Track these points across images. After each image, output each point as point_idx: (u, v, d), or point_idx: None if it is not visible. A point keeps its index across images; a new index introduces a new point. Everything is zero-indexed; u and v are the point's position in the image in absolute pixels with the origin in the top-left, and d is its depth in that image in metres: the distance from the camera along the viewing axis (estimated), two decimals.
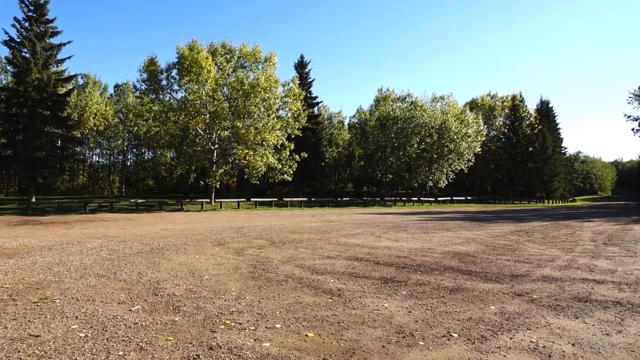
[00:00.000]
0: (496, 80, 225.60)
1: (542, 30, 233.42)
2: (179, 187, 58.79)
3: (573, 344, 3.95)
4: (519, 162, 62.47)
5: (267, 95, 33.41)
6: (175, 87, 35.53)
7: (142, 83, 35.22)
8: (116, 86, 61.16)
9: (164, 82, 35.39)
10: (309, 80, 49.97)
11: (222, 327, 4.34)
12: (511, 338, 4.09)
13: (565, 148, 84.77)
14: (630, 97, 48.97)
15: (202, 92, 32.16)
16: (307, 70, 50.16)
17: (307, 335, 4.10)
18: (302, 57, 50.27)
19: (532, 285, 6.36)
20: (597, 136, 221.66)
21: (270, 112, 34.26)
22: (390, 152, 50.60)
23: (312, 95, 50.31)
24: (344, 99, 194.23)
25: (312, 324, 4.46)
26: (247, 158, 33.94)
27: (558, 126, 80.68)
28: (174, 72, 34.57)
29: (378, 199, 48.30)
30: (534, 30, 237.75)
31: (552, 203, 63.72)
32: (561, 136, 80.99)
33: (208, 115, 33.56)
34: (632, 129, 49.20)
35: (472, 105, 67.09)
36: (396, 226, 16.93)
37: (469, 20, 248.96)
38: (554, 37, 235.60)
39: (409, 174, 51.91)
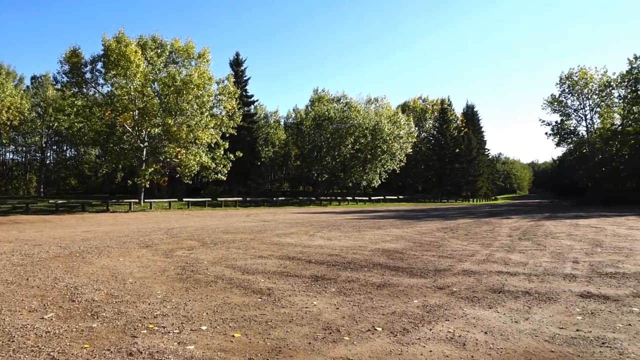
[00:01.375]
0: (428, 84, 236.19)
1: (468, 37, 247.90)
2: (105, 187, 55.68)
3: (485, 332, 4.23)
4: (447, 162, 65.79)
5: (201, 92, 32.55)
6: (101, 80, 33.62)
7: (64, 75, 32.89)
8: (33, 78, 56.72)
9: (88, 75, 33.35)
10: (244, 78, 49.34)
11: (145, 331, 4.17)
12: (431, 329, 4.31)
13: (488, 150, 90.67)
14: (544, 104, 53.31)
15: (130, 87, 30.68)
16: (242, 68, 49.49)
17: (233, 336, 4.06)
18: (237, 54, 49.57)
19: (453, 279, 6.74)
20: (516, 139, 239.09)
21: (204, 109, 33.38)
22: (326, 152, 51.28)
23: (248, 94, 49.73)
24: (281, 98, 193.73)
25: (239, 324, 4.42)
26: (179, 157, 32.88)
27: (482, 129, 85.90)
28: (100, 65, 32.67)
29: (314, 198, 48.76)
30: (461, 36, 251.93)
31: (477, 201, 67.77)
32: (485, 138, 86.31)
33: (137, 111, 32.08)
34: (546, 133, 53.60)
35: (405, 107, 69.76)
36: (330, 225, 17.18)
37: (404, 24, 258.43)
38: (479, 44, 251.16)
39: (344, 174, 52.90)
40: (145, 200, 33.55)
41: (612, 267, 7.71)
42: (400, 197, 59.60)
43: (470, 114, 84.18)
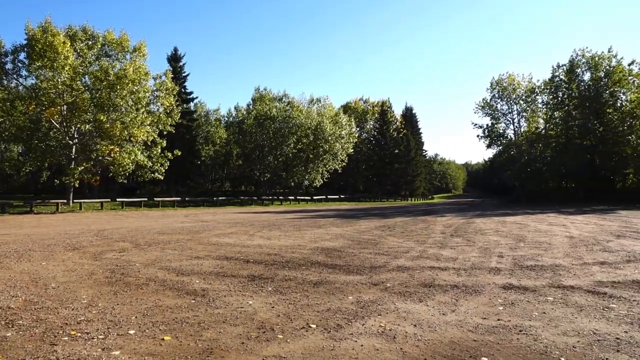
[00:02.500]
0: (369, 85, 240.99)
1: (409, 40, 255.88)
2: (29, 187, 51.85)
3: (415, 325, 4.40)
4: (387, 163, 67.61)
5: (136, 87, 31.10)
6: (24, 72, 31.17)
7: None
8: None
9: (9, 66, 30.85)
10: (183, 74, 47.88)
11: (66, 338, 3.93)
12: (363, 324, 4.41)
13: (426, 151, 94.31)
14: (476, 107, 56.27)
15: (57, 80, 28.74)
16: (181, 64, 48.01)
17: (163, 339, 3.92)
18: (175, 49, 48.05)
19: (388, 275, 6.93)
20: (452, 140, 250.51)
21: (140, 106, 31.93)
22: (268, 151, 50.94)
23: (187, 91, 48.34)
24: (222, 96, 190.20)
25: (170, 327, 4.28)
26: (113, 155, 31.28)
27: (420, 131, 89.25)
28: (23, 56, 30.34)
29: (255, 198, 48.29)
30: (403, 40, 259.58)
31: (415, 200, 70.19)
32: (422, 140, 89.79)
33: (65, 106, 30.12)
34: (478, 135, 56.71)
35: (347, 108, 70.90)
36: (271, 224, 17.09)
37: (347, 26, 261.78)
38: (419, 47, 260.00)
39: (286, 173, 52.84)
40: (75, 201, 31.56)
41: (532, 260, 8.29)
42: (342, 196, 60.47)
43: (409, 115, 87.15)
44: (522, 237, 12.11)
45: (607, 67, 46.59)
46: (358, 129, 69.45)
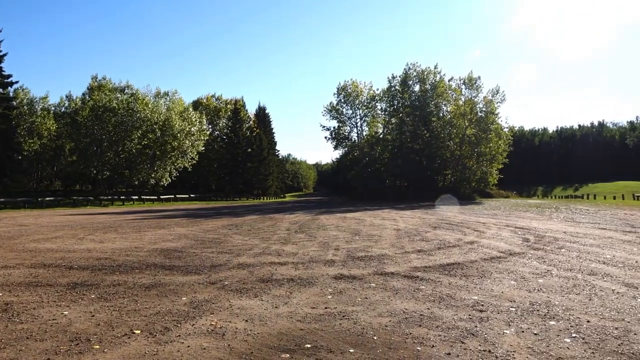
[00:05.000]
0: (222, 83, 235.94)
1: (259, 39, 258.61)
2: None
3: (247, 321, 4.42)
4: (239, 162, 67.26)
5: None
6: None
7: None
8: None
9: None
10: None
11: None
12: (193, 325, 4.27)
13: (278, 150, 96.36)
14: (324, 110, 59.55)
15: None
16: None
17: None
18: None
19: (228, 273, 6.87)
20: (304, 141, 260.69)
21: None
22: (108, 147, 46.36)
23: (4, 73, 41.23)
24: (51, 83, 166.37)
25: None
26: None
27: (273, 130, 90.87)
28: None
29: (92, 198, 43.51)
30: (253, 39, 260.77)
31: (267, 199, 71.23)
32: (275, 140, 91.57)
33: None
34: (326, 137, 60.04)
35: (198, 104, 68.53)
36: (106, 227, 15.58)
37: (200, 20, 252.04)
38: (273, 47, 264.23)
39: (129, 171, 48.78)
40: None
41: (363, 251, 9.06)
42: (192, 195, 58.22)
43: (263, 115, 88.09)
44: (358, 231, 13.18)
45: (433, 81, 53.71)
46: (210, 126, 67.84)
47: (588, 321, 4.37)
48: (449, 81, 54.08)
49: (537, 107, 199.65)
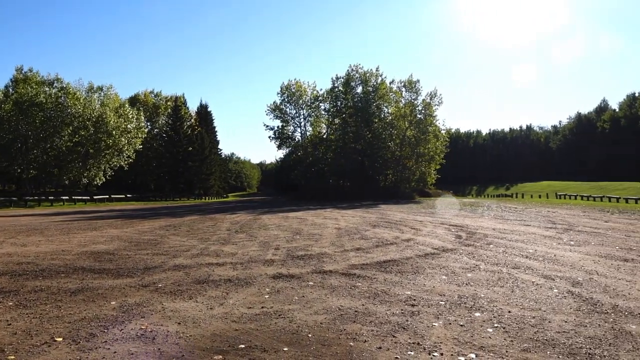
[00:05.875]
0: (162, 79, 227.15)
1: (201, 36, 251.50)
2: None
3: (179, 323, 4.30)
4: (180, 160, 65.23)
5: None
6: None
7: None
8: None
9: None
10: None
11: None
12: (122, 330, 4.10)
13: (221, 149, 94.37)
14: (268, 110, 59.13)
15: None
16: None
17: None
18: None
19: (162, 275, 6.65)
20: (248, 140, 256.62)
21: None
22: (35, 144, 43.12)
23: None
24: None
25: None
26: None
27: (216, 129, 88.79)
28: None
29: (16, 198, 40.34)
30: (195, 36, 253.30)
31: (209, 199, 69.59)
32: (218, 138, 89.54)
33: None
34: (269, 137, 59.63)
35: (135, 100, 65.64)
36: (31, 229, 14.54)
37: (139, 15, 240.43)
38: (214, 43, 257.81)
39: (59, 170, 45.76)
40: None
41: (303, 250, 9.10)
42: (129, 196, 55.65)
43: (205, 113, 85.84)
44: (300, 231, 13.22)
45: (375, 83, 54.90)
46: (148, 123, 65.28)
47: (509, 311, 4.66)
48: (390, 84, 55.57)
49: (473, 110, 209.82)
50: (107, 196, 49.38)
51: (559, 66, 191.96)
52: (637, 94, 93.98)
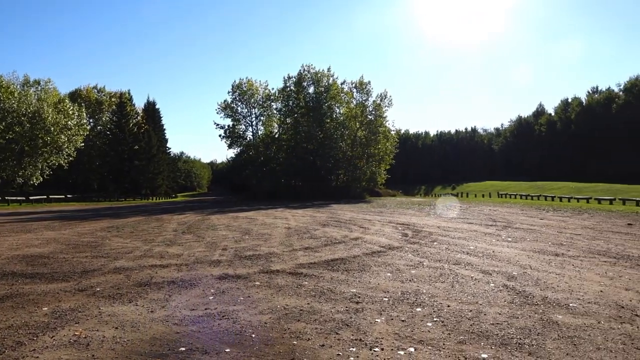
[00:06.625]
0: (106, 74, 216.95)
1: (148, 31, 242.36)
2: None
3: (117, 328, 4.13)
4: (125, 159, 62.64)
5: None
6: None
7: None
8: None
9: None
10: None
11: None
12: (53, 337, 3.88)
13: (170, 148, 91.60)
14: (218, 108, 58.08)
15: None
16: None
17: None
18: None
19: (101, 278, 6.36)
20: (198, 139, 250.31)
21: None
22: None
23: None
24: None
25: None
26: None
27: (164, 127, 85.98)
28: None
29: None
30: (144, 30, 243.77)
31: (156, 199, 67.34)
32: (166, 137, 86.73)
33: None
34: (220, 135, 58.58)
35: (76, 96, 62.42)
36: None
37: (74, 6, 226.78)
38: (166, 41, 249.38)
39: None
40: None
41: (252, 250, 9.01)
42: (70, 196, 52.79)
43: (152, 110, 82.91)
44: (249, 231, 13.08)
45: (327, 83, 55.28)
46: (91, 120, 62.35)
47: (448, 306, 4.85)
48: (341, 84, 56.15)
49: (421, 111, 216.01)
50: (45, 196, 46.56)
51: (505, 68, 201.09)
52: (569, 100, 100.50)
